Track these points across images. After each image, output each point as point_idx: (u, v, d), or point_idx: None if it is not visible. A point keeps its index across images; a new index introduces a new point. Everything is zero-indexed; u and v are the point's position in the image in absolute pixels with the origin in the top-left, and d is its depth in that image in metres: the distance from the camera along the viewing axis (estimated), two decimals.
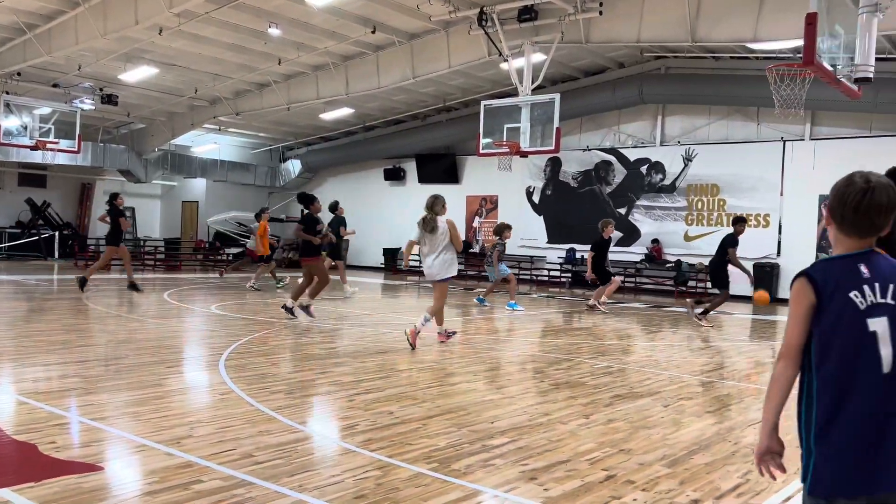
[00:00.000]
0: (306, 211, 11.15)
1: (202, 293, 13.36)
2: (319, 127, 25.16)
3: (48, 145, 19.69)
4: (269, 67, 18.42)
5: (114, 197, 13.82)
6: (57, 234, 23.98)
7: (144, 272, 20.98)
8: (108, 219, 13.60)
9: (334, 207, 15.78)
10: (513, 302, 13.72)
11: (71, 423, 4.82)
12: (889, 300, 2.16)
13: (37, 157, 20.92)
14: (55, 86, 19.29)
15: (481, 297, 14.38)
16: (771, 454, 2.24)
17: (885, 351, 2.11)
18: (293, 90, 19.90)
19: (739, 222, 11.78)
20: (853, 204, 2.25)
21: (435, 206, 8.56)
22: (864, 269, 2.20)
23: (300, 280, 11.06)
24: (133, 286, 13.63)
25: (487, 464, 4.21)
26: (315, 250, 10.77)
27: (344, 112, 22.59)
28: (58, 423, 4.74)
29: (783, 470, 2.26)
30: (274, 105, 20.41)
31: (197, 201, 27.48)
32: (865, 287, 2.16)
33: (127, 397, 5.52)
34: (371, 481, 3.83)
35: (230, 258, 24.77)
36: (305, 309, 10.45)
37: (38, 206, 24.19)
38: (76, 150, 20.52)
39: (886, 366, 2.10)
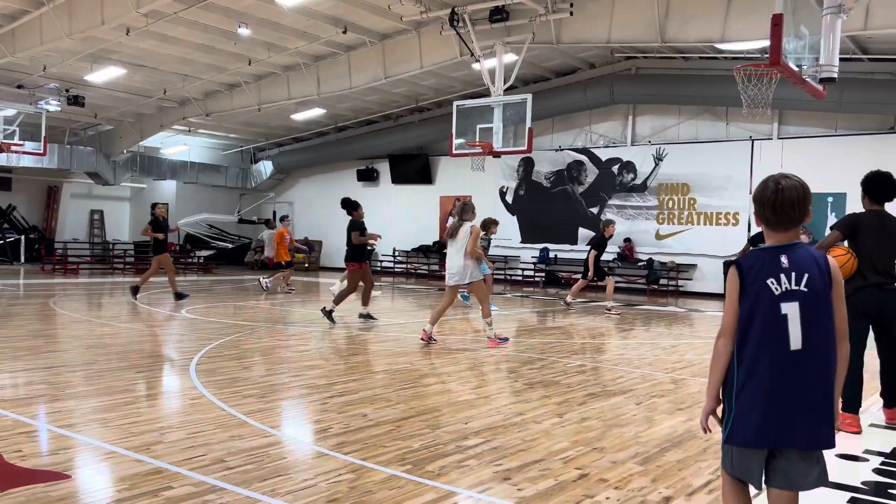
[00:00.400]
0: (349, 217, 11.30)
1: (172, 297, 13.21)
2: (291, 128, 24.99)
3: (13, 147, 19.29)
4: (239, 68, 18.26)
5: (153, 207, 13.63)
6: (23, 237, 23.53)
7: (114, 275, 20.67)
8: (150, 231, 13.29)
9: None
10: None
11: (38, 430, 4.73)
12: (802, 287, 2.53)
13: (1, 159, 20.51)
14: (20, 87, 18.92)
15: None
16: (713, 413, 2.70)
17: (794, 331, 2.50)
18: (264, 91, 19.75)
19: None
20: (770, 204, 2.61)
21: (464, 213, 9.13)
22: (784, 259, 2.57)
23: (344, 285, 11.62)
24: (179, 296, 13.24)
25: (462, 465, 4.20)
26: (360, 256, 11.00)
27: (315, 112, 22.46)
28: (24, 430, 4.65)
29: (721, 424, 2.67)
30: (244, 106, 20.23)
31: (167, 203, 27.16)
32: (782, 276, 2.54)
33: (95, 403, 5.43)
34: (344, 485, 3.81)
35: (201, 261, 24.51)
36: (364, 316, 11.20)
37: (2, 210, 23.73)
38: (42, 152, 20.13)
39: (794, 344, 2.50)
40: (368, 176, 25.64)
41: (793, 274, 2.54)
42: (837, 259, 5.06)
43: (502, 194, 22.63)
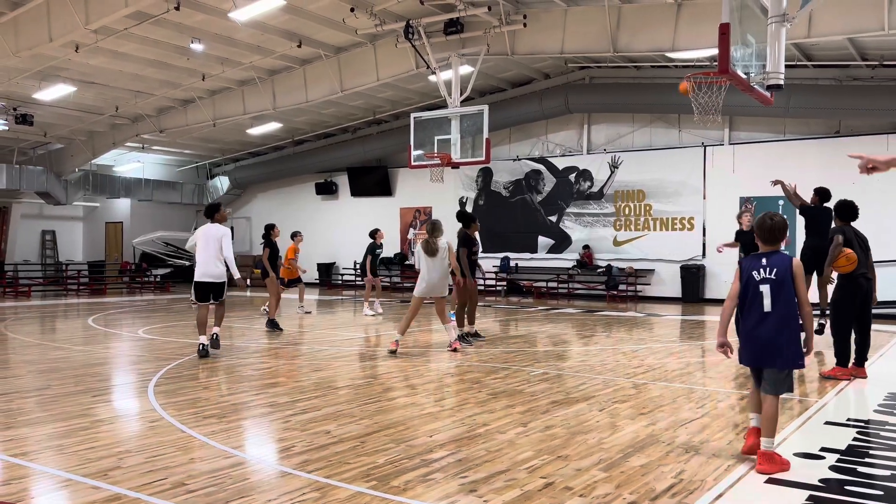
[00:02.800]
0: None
1: (129, 317, 12.93)
2: (247, 142, 24.77)
3: None
4: (192, 83, 18.05)
5: (270, 228, 13.02)
6: None
7: (67, 297, 20.19)
8: (268, 253, 12.66)
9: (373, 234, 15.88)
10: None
11: None
12: (772, 276, 4.45)
13: None
14: None
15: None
16: (725, 346, 4.63)
17: (767, 300, 4.45)
18: (219, 106, 19.54)
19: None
20: (766, 230, 4.56)
21: (437, 231, 9.51)
22: (764, 260, 4.53)
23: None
24: (273, 324, 12.04)
25: (427, 478, 4.19)
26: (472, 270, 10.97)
27: (272, 127, 22.30)
28: None
29: (732, 351, 4.65)
30: (199, 121, 19.99)
31: (122, 222, 26.66)
32: (762, 270, 4.51)
33: (50, 430, 5.28)
34: (309, 503, 3.77)
35: (157, 279, 24.08)
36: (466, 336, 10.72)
37: None
38: None
39: (767, 307, 4.45)
40: (327, 189, 25.52)
41: (768, 269, 4.49)
42: (849, 258, 7.44)
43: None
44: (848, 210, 7.91)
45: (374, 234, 15.85)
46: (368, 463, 4.48)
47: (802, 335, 4.47)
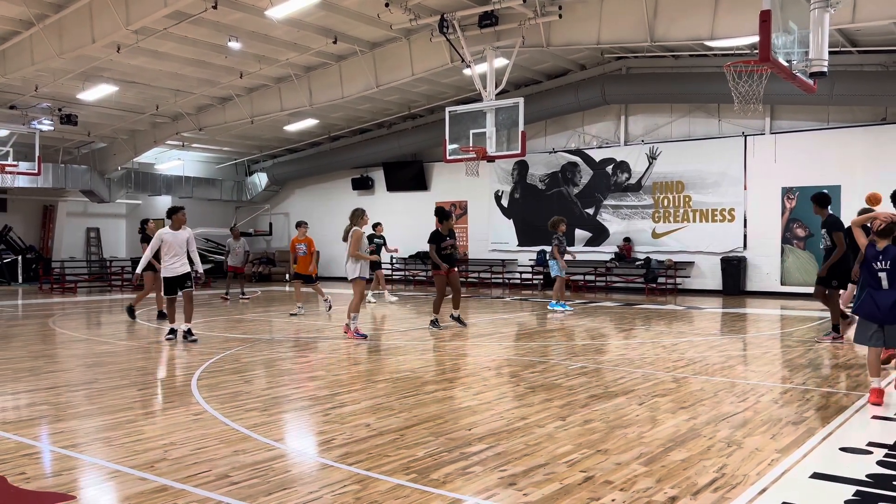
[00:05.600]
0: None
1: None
2: (284, 139, 25.02)
3: (7, 168, 19.31)
4: (230, 81, 18.28)
5: (145, 223, 13.29)
6: (20, 258, 23.49)
7: (112, 293, 20.65)
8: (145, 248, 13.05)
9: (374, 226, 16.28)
10: (555, 302, 14.18)
11: (41, 452, 4.72)
12: (888, 266, 5.88)
13: None
14: (12, 107, 18.94)
15: (553, 301, 14.36)
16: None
17: (884, 282, 5.87)
18: (256, 103, 19.77)
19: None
20: (884, 230, 5.98)
21: (353, 218, 10.32)
22: (879, 251, 5.99)
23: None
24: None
25: (466, 471, 4.20)
26: (445, 262, 11.46)
27: (308, 123, 22.49)
28: (27, 452, 4.64)
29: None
30: (237, 119, 20.25)
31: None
32: (880, 261, 5.94)
33: (98, 423, 5.42)
34: (350, 496, 3.81)
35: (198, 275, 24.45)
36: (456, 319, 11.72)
37: None
38: (36, 172, 20.16)
39: (885, 285, 5.89)
40: (363, 184, 25.67)
41: (886, 261, 5.90)
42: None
43: (498, 198, 22.66)
44: None
45: (374, 227, 16.46)
46: (408, 456, 4.51)
47: None
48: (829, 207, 9.86)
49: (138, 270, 10.67)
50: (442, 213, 11.82)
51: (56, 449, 4.74)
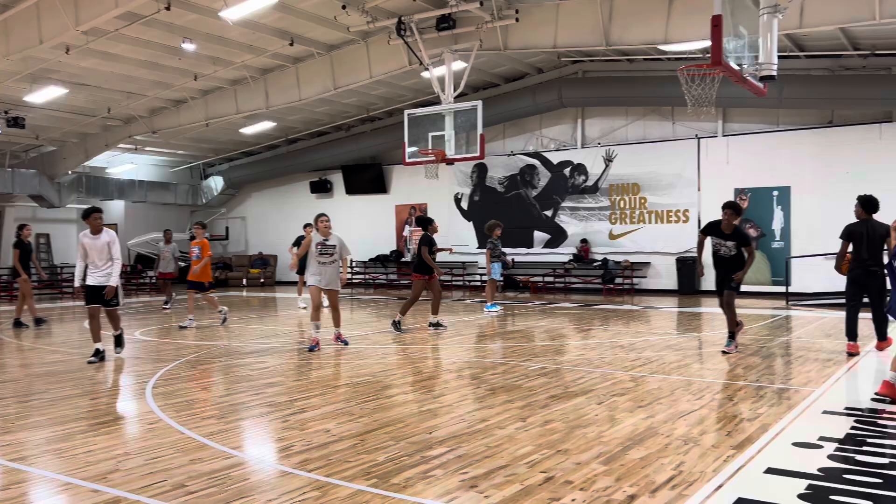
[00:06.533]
0: (424, 232, 11.80)
1: (125, 319, 12.87)
2: (241, 142, 24.70)
3: None
4: (185, 83, 17.98)
5: (21, 228, 12.98)
6: None
7: (63, 300, 20.13)
8: (18, 254, 12.68)
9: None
10: (490, 304, 14.25)
11: None
12: None
13: None
14: None
15: (488, 304, 14.45)
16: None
17: None
18: (211, 105, 19.48)
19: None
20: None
21: (308, 226, 10.37)
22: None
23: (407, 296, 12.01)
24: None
25: (427, 475, 4.19)
26: (427, 268, 11.42)
27: (265, 126, 22.24)
28: None
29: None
30: (192, 121, 19.93)
31: (116, 224, 26.55)
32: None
33: (48, 434, 5.27)
34: (310, 503, 3.77)
35: (153, 281, 24.01)
36: (432, 324, 11.61)
37: None
38: None
39: None
40: (322, 187, 25.48)
41: None
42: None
43: (457, 201, 22.71)
44: (872, 204, 8.48)
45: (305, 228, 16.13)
46: (368, 461, 4.48)
47: None
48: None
49: (76, 284, 9.06)
50: (424, 220, 12.00)
51: (4, 462, 4.59)
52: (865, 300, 8.45)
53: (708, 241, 8.95)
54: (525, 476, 4.15)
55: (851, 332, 8.49)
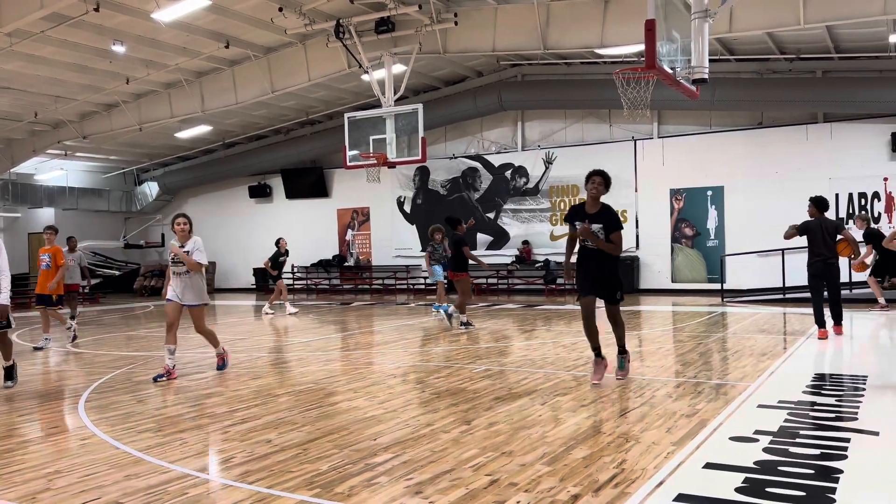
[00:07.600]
0: (454, 232, 12.23)
1: (57, 331, 12.40)
2: (176, 146, 24.14)
3: None
4: (116, 87, 17.47)
5: (456, 223, 12.67)
6: None
7: None
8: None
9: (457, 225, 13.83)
10: (437, 304, 14.12)
11: None
12: None
13: None
14: None
15: (436, 304, 14.30)
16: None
17: None
18: (145, 110, 18.98)
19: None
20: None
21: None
22: None
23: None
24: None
25: (372, 483, 4.14)
26: (465, 266, 11.90)
27: (201, 130, 21.79)
28: None
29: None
30: (124, 126, 19.39)
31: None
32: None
33: None
34: None
35: (86, 291, 23.23)
36: (462, 323, 11.92)
37: None
38: None
39: None
40: (261, 192, 25.10)
41: None
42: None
43: (400, 204, 22.66)
44: (823, 203, 9.48)
45: (277, 242, 16.01)
46: (312, 470, 4.40)
47: None
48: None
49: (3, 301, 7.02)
50: (454, 221, 12.61)
51: None
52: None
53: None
54: (470, 480, 4.14)
55: (819, 320, 9.37)
